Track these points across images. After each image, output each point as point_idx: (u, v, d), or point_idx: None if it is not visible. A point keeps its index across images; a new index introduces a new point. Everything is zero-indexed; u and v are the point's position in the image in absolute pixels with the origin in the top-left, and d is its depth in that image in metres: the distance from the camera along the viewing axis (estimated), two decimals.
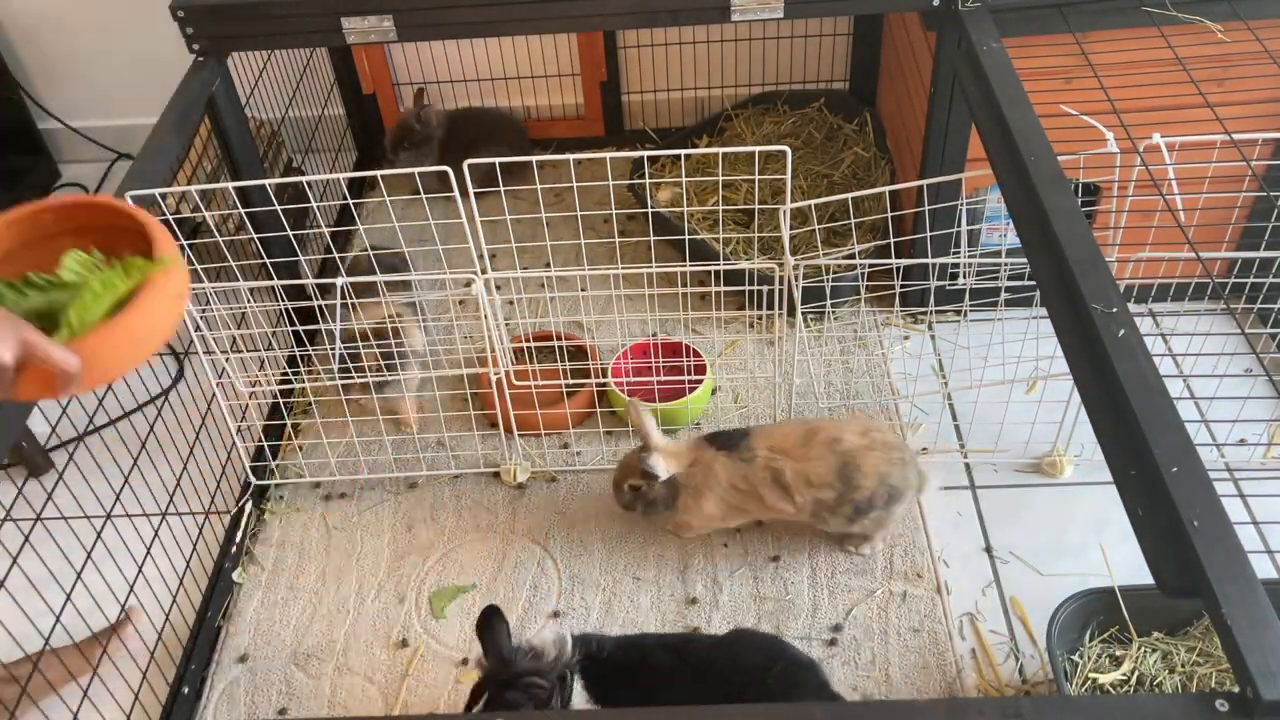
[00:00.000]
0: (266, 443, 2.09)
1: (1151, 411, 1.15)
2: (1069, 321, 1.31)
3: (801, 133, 2.71)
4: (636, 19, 1.85)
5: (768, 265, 1.81)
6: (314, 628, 1.82)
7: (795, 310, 2.01)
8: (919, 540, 1.85)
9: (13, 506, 1.53)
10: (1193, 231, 1.57)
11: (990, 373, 2.01)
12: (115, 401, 2.17)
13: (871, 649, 1.70)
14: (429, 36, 1.88)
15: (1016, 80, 1.61)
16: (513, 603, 1.82)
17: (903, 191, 2.31)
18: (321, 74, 2.80)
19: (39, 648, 1.49)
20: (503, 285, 2.40)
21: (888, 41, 2.63)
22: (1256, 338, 2.13)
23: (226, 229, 2.37)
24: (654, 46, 2.80)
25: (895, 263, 1.95)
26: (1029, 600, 1.76)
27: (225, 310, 1.94)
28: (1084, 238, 1.35)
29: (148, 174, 1.68)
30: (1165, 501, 1.08)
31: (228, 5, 1.81)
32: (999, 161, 1.53)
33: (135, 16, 2.79)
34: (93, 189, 2.99)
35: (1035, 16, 1.82)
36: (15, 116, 2.97)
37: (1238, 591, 1.00)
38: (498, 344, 1.84)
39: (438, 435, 2.09)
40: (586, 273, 1.93)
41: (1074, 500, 1.90)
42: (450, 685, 1.71)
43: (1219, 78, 1.88)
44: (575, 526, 1.93)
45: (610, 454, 2.05)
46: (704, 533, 1.87)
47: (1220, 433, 1.95)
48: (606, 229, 2.53)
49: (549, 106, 2.93)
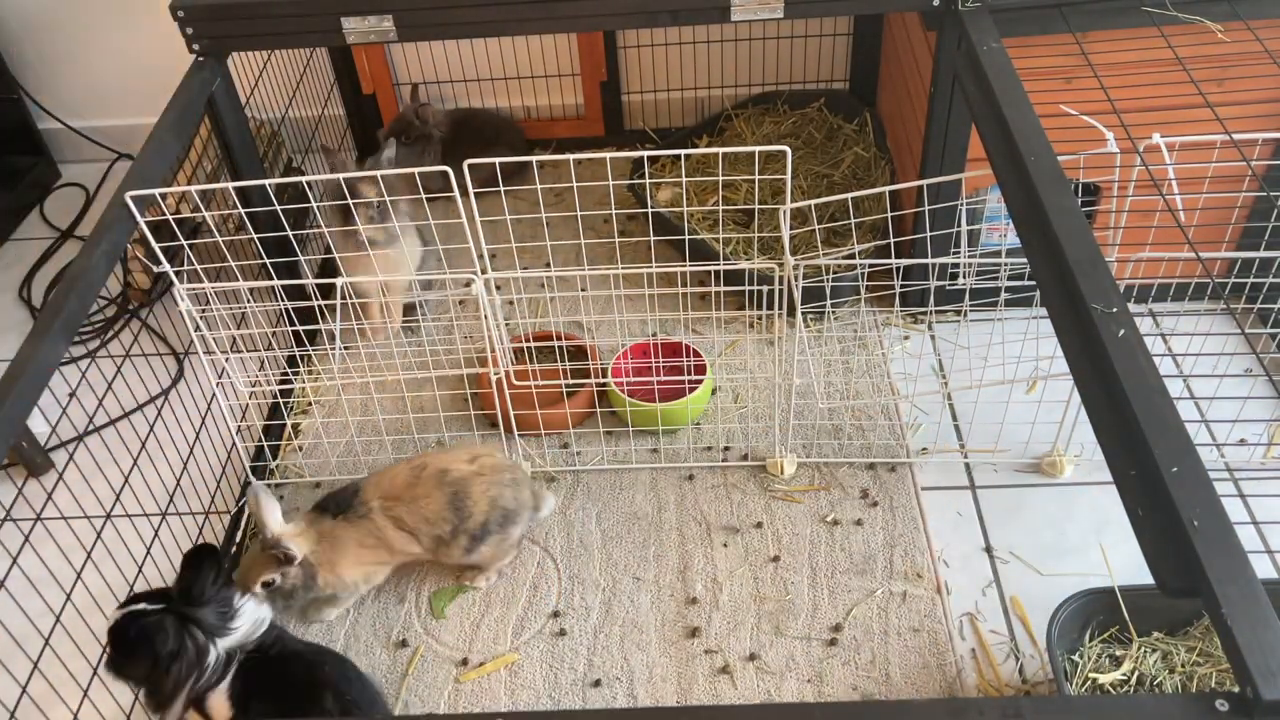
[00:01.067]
0: (266, 443, 2.09)
1: (1151, 411, 1.15)
2: (1069, 321, 1.31)
3: (801, 133, 2.71)
4: (636, 19, 1.85)
5: (768, 265, 1.81)
6: (314, 628, 1.82)
7: (795, 310, 2.01)
8: (919, 540, 1.85)
9: (13, 506, 1.53)
10: (1193, 231, 1.57)
11: (990, 373, 2.01)
12: (115, 401, 2.16)
13: (871, 649, 1.70)
14: (429, 36, 1.87)
15: (1016, 80, 1.61)
16: (512, 603, 1.82)
17: (903, 191, 2.31)
18: (321, 74, 2.80)
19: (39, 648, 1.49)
20: (503, 285, 2.40)
21: (888, 41, 2.63)
22: (1256, 338, 2.13)
23: (226, 229, 2.37)
24: (654, 46, 2.80)
25: (895, 263, 1.95)
26: (1029, 600, 1.76)
27: (225, 310, 1.94)
28: (1084, 238, 1.34)
29: (148, 174, 1.68)
30: (1165, 501, 1.08)
31: (228, 5, 1.81)
32: (999, 161, 1.53)
33: (136, 16, 2.79)
34: (92, 189, 2.99)
35: (1035, 16, 1.82)
36: (15, 116, 2.97)
37: (1238, 591, 0.99)
38: (498, 344, 1.84)
39: (438, 435, 2.09)
40: (586, 273, 1.93)
41: (1074, 500, 1.90)
42: (450, 685, 1.71)
43: (1219, 78, 1.88)
44: (575, 526, 1.93)
45: (610, 454, 2.05)
46: (354, 600, 1.83)
47: (1220, 433, 1.95)
48: (606, 229, 2.53)
49: (549, 106, 2.93)
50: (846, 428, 2.06)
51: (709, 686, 1.68)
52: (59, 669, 1.56)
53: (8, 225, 2.89)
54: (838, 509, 1.92)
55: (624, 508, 1.96)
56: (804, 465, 2.00)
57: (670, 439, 2.06)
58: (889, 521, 1.89)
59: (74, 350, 2.38)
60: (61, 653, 1.56)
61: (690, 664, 1.71)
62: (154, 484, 1.92)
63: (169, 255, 1.78)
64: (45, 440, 2.17)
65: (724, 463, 2.01)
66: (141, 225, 1.64)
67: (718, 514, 1.93)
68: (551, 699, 1.68)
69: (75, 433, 2.14)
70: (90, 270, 1.53)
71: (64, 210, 2.94)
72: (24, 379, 1.36)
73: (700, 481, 1.99)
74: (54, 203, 2.98)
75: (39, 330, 1.43)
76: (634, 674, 1.70)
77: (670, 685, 1.68)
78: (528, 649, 1.75)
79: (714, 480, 1.99)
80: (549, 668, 1.72)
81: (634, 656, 1.73)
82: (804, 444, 2.03)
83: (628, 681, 1.69)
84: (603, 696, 1.68)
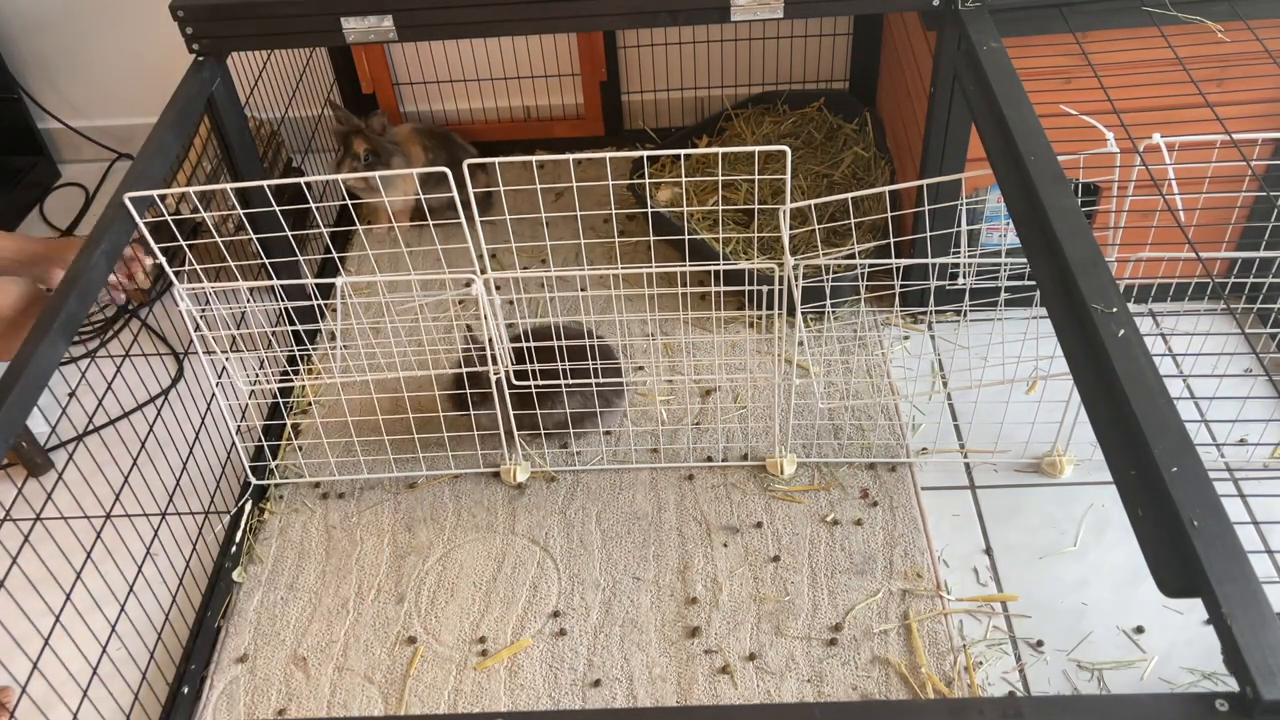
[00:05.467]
0: (266, 443, 2.09)
1: (1151, 411, 1.15)
2: (1069, 321, 1.31)
3: (801, 133, 2.71)
4: (636, 19, 1.85)
5: (768, 265, 1.82)
6: (314, 627, 1.82)
7: (795, 310, 2.01)
8: (919, 540, 1.85)
9: (12, 506, 1.53)
10: (1193, 231, 1.57)
11: (990, 373, 2.01)
12: (115, 401, 2.17)
13: (871, 649, 1.70)
14: (429, 36, 1.87)
15: (1016, 80, 1.61)
16: (512, 603, 1.82)
17: (903, 191, 2.31)
18: (321, 74, 2.80)
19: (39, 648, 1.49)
20: (503, 285, 2.40)
21: (888, 41, 2.63)
22: (1256, 338, 2.13)
23: (226, 229, 2.37)
24: (654, 46, 2.80)
25: (895, 263, 1.95)
26: (1029, 600, 1.76)
27: (225, 310, 1.94)
28: (1084, 238, 1.34)
29: (147, 174, 1.68)
30: (1165, 501, 1.08)
31: (228, 5, 1.81)
32: (999, 161, 1.53)
33: (135, 16, 2.79)
34: (92, 189, 2.99)
35: (1035, 16, 1.82)
36: (15, 116, 2.97)
37: (1238, 591, 1.00)
38: (498, 344, 1.84)
39: (437, 435, 2.09)
40: (586, 272, 1.93)
41: (1074, 500, 1.90)
42: (450, 685, 1.71)
43: (1219, 78, 1.88)
44: (575, 526, 1.93)
45: (610, 454, 2.05)
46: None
47: (1220, 433, 1.95)
48: (606, 229, 2.53)
49: (549, 106, 2.93)
50: (846, 428, 2.06)
51: (709, 686, 1.68)
52: (59, 669, 1.56)
53: (8, 225, 2.88)
54: (838, 509, 1.92)
55: (624, 508, 1.96)
56: (804, 465, 2.00)
57: (670, 439, 2.06)
58: (889, 521, 1.89)
59: (74, 350, 2.38)
60: (61, 653, 1.56)
61: (690, 664, 1.71)
62: (154, 484, 1.92)
63: (169, 255, 1.78)
64: (45, 440, 2.17)
65: (724, 462, 2.02)
66: (141, 226, 1.64)
67: (718, 514, 1.93)
68: (551, 699, 1.68)
69: (75, 433, 2.14)
70: (90, 270, 1.53)
71: (64, 210, 2.94)
72: (24, 379, 1.36)
73: (700, 481, 1.99)
74: (54, 203, 2.99)
75: (39, 330, 1.43)
76: (634, 674, 1.70)
77: (670, 685, 1.68)
78: (527, 649, 1.75)
79: (714, 480, 1.99)
80: (549, 668, 1.72)
81: (634, 656, 1.73)
82: (804, 444, 2.03)
83: (628, 681, 1.69)
84: (603, 696, 1.68)
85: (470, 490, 2.02)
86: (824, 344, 2.25)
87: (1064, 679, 1.64)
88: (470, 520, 1.97)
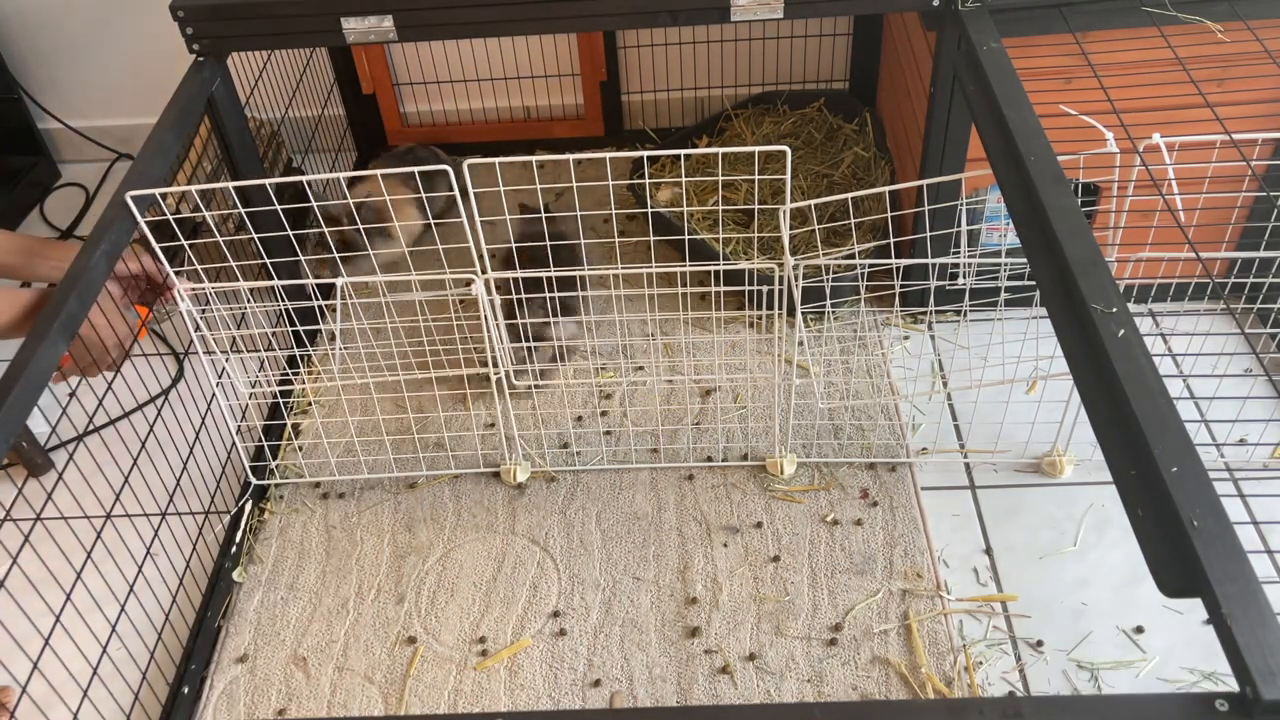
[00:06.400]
0: (266, 443, 2.09)
1: (1151, 411, 1.15)
2: (1069, 321, 1.31)
3: (801, 133, 2.71)
4: (636, 19, 1.85)
5: (768, 265, 1.81)
6: (314, 628, 1.82)
7: (795, 310, 2.01)
8: (919, 540, 1.85)
9: (13, 506, 1.53)
10: (1193, 231, 1.57)
11: (990, 373, 2.01)
12: (115, 401, 2.17)
13: (871, 649, 1.70)
14: (429, 36, 1.87)
15: (1016, 80, 1.61)
16: (512, 603, 1.82)
17: (903, 191, 2.31)
18: (321, 74, 2.80)
19: (39, 648, 1.49)
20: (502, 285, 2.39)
21: (887, 41, 2.64)
22: (1256, 338, 2.13)
23: (226, 229, 2.37)
24: (654, 46, 2.80)
25: (895, 263, 1.95)
26: (1029, 600, 1.76)
27: (225, 310, 1.94)
28: (1084, 238, 1.34)
29: (147, 174, 1.68)
30: (1165, 501, 1.08)
31: (228, 5, 1.81)
32: (999, 161, 1.53)
33: (135, 16, 2.79)
34: (92, 189, 2.99)
35: (1035, 16, 1.82)
36: (15, 116, 2.97)
37: (1238, 591, 1.00)
38: (498, 344, 1.84)
39: (437, 435, 2.09)
40: (586, 272, 1.93)
41: (1074, 500, 1.91)
42: (450, 685, 1.71)
43: (1219, 78, 1.88)
44: (575, 526, 1.93)
45: (610, 454, 2.05)
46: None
47: (1220, 433, 1.95)
48: (606, 229, 2.53)
49: (549, 106, 2.93)
50: (846, 428, 2.06)
51: (709, 686, 1.68)
52: (59, 669, 1.56)
53: (8, 225, 2.88)
54: (837, 509, 1.92)
55: (624, 508, 1.96)
56: (804, 465, 2.00)
57: (670, 439, 2.07)
58: (889, 521, 1.89)
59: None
60: (62, 653, 1.56)
61: (690, 664, 1.71)
62: (154, 484, 1.92)
63: (169, 255, 1.78)
64: (45, 440, 2.17)
65: (724, 463, 2.02)
66: (142, 225, 1.64)
67: (718, 514, 1.93)
68: (551, 699, 1.68)
69: (75, 433, 2.14)
70: (90, 270, 1.53)
71: (64, 210, 2.94)
72: (24, 379, 1.36)
73: (700, 481, 1.99)
74: (54, 203, 2.99)
75: (39, 331, 1.43)
76: (634, 674, 1.70)
77: (670, 685, 1.68)
78: (527, 649, 1.75)
79: (714, 480, 1.99)
80: (549, 668, 1.72)
81: (634, 656, 1.73)
82: (804, 444, 2.03)
83: (628, 681, 1.69)
84: (602, 696, 1.68)
85: (470, 490, 2.02)
86: (824, 344, 2.25)
87: (1064, 679, 1.64)
88: (470, 520, 1.97)
